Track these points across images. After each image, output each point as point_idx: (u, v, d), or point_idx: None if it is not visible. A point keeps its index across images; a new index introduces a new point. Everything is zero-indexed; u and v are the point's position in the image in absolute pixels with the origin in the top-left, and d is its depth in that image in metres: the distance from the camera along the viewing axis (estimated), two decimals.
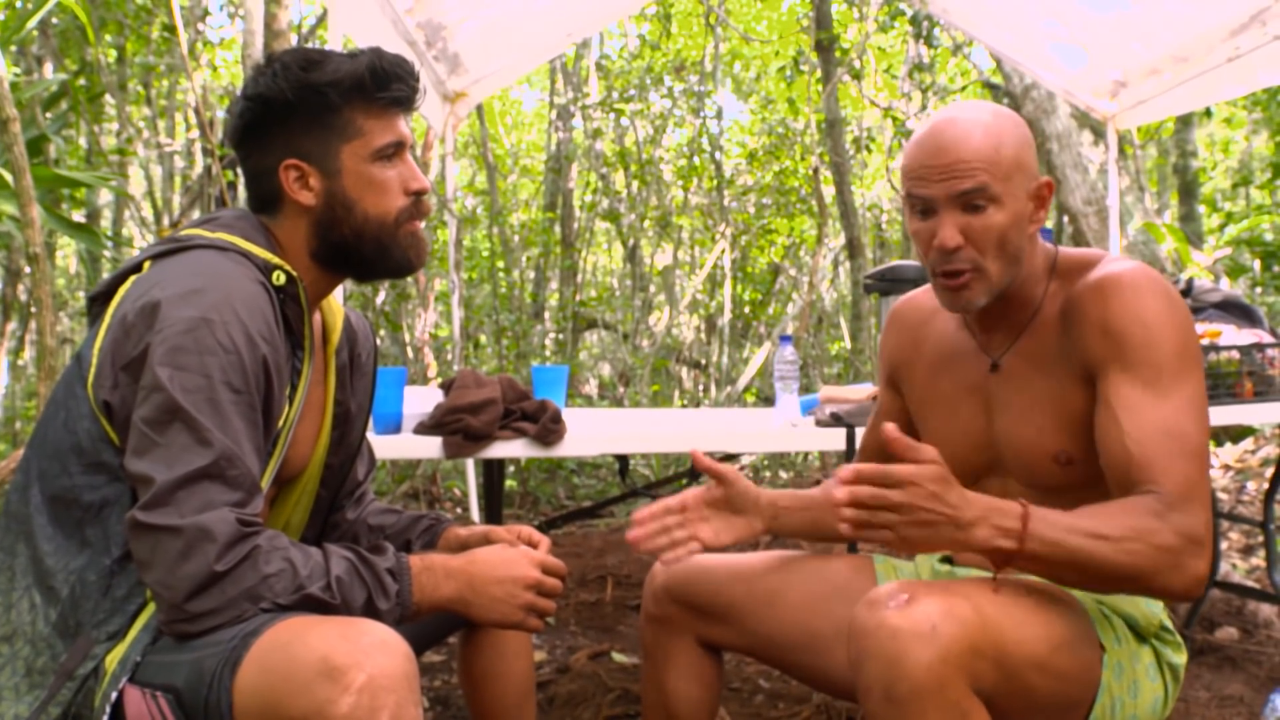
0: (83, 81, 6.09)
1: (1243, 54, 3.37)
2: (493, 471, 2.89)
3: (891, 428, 1.16)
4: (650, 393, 8.01)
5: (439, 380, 4.59)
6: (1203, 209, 8.89)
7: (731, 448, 2.40)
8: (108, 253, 4.89)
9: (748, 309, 9.65)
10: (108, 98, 6.83)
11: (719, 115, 9.68)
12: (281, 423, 1.32)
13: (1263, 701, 2.59)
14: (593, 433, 2.28)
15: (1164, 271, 6.29)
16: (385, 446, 2.12)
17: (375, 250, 1.39)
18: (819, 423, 2.33)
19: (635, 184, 9.22)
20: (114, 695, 1.15)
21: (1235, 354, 2.54)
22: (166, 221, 7.94)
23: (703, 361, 9.38)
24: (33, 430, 1.31)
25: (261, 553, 1.16)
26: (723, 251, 9.13)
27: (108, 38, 6.99)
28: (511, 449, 2.14)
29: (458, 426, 2.09)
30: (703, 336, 9.92)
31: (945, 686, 1.12)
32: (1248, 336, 2.62)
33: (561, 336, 9.10)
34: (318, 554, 1.22)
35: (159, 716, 1.13)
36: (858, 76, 8.69)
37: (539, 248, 9.30)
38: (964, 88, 10.31)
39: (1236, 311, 2.73)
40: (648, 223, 9.35)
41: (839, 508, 1.15)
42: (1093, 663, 1.29)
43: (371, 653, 1.06)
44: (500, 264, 8.59)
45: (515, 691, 1.65)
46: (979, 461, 1.50)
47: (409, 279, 6.77)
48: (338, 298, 1.64)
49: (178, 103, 8.91)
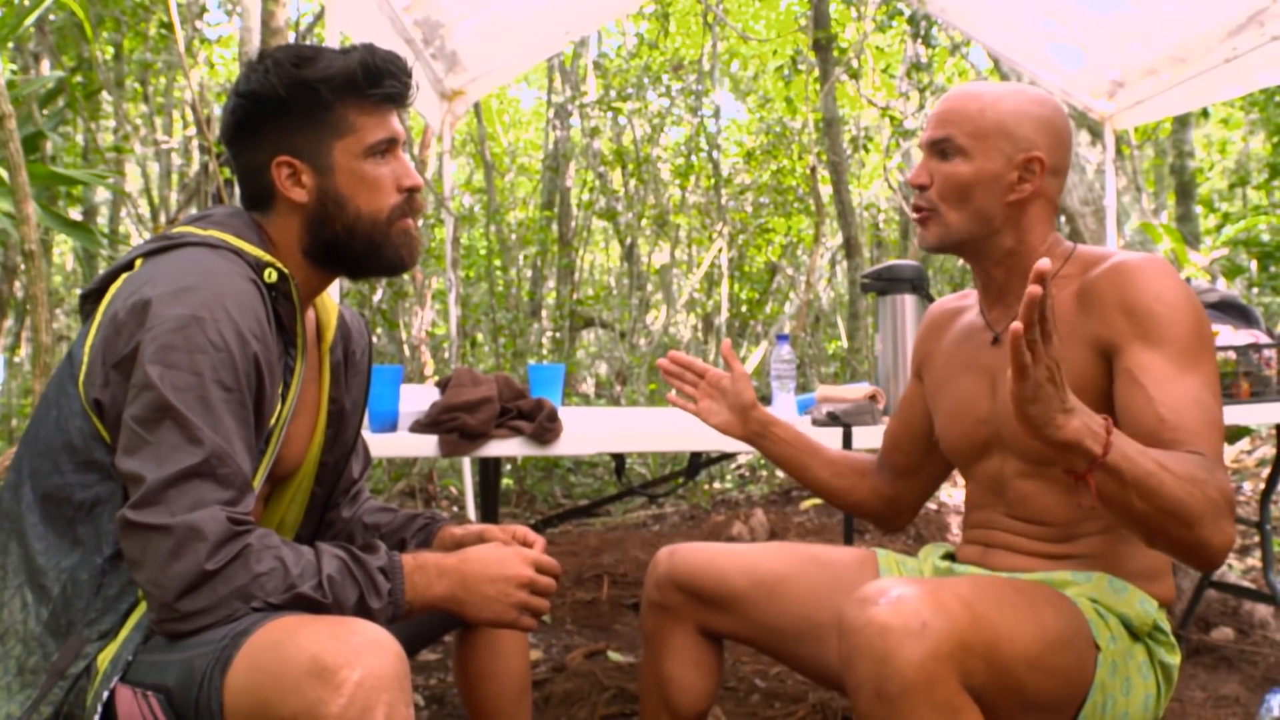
0: (80, 79, 6.07)
1: (1240, 55, 3.37)
2: (489, 470, 2.89)
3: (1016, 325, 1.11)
4: (647, 391, 8.00)
5: (435, 378, 4.58)
6: (1200, 209, 8.90)
7: (729, 446, 2.39)
8: (104, 250, 4.88)
9: (745, 308, 9.65)
10: (105, 95, 6.82)
11: (716, 114, 9.68)
12: (274, 421, 1.32)
13: (1258, 702, 2.60)
14: (589, 431, 2.27)
15: None
16: (381, 444, 2.11)
17: (367, 248, 1.39)
18: (815, 422, 2.33)
19: (633, 183, 9.22)
20: (105, 695, 1.15)
21: (1232, 354, 2.54)
22: (163, 219, 7.93)
23: (700, 360, 9.38)
24: (25, 428, 1.31)
25: (253, 551, 1.16)
26: (720, 250, 9.13)
27: (105, 35, 6.98)
28: (508, 448, 2.13)
29: (454, 425, 2.09)
30: (700, 335, 9.92)
31: (935, 683, 1.11)
32: (1244, 337, 2.62)
33: (558, 335, 9.09)
34: (309, 553, 1.21)
35: (150, 716, 1.13)
36: (855, 76, 8.69)
37: (536, 246, 9.29)
38: None
39: (1233, 312, 2.73)
40: (645, 221, 9.35)
41: (1029, 296, 1.07)
42: (1085, 661, 1.29)
43: (362, 652, 1.05)
44: (497, 262, 8.58)
45: (511, 690, 1.65)
46: (981, 437, 1.53)
47: (406, 277, 6.76)
48: (334, 295, 1.64)
49: (175, 100, 8.90)
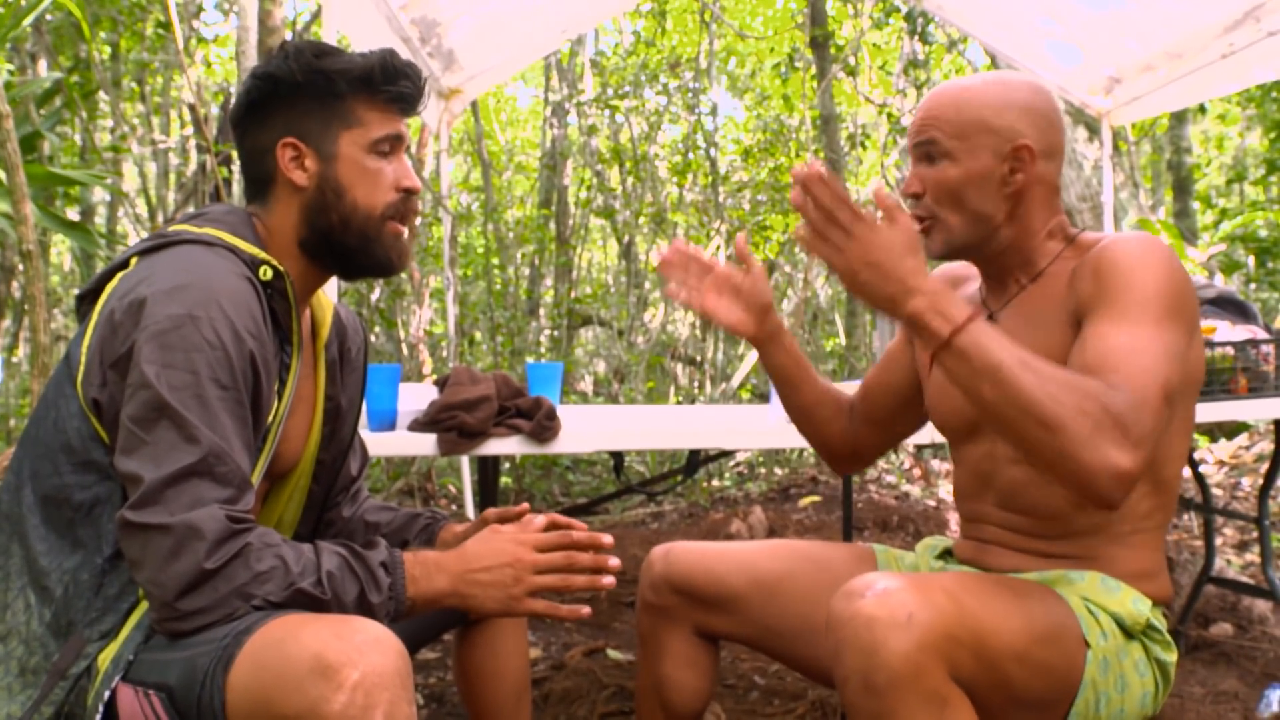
0: (77, 78, 6.07)
1: (1237, 50, 3.38)
2: (487, 468, 2.89)
3: (880, 191, 1.21)
4: (645, 389, 8.01)
5: (434, 377, 4.58)
6: (1197, 205, 8.90)
7: (727, 444, 2.40)
8: (102, 250, 4.87)
9: None
10: (102, 95, 6.81)
11: (714, 112, 9.68)
12: (271, 418, 1.32)
13: (1257, 697, 2.60)
14: (588, 429, 2.27)
15: None
16: (380, 443, 2.11)
17: (359, 242, 1.39)
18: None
19: (630, 180, 9.21)
20: (106, 694, 1.15)
21: (1230, 350, 2.55)
22: (161, 219, 7.92)
23: (698, 358, 9.37)
24: (24, 429, 1.31)
25: (253, 550, 1.16)
26: (718, 248, 9.13)
27: (102, 34, 6.97)
28: (506, 446, 2.13)
29: (453, 423, 2.09)
30: (698, 333, 9.91)
31: (923, 675, 1.11)
32: (1242, 332, 2.63)
33: (556, 333, 9.09)
34: (309, 550, 1.21)
35: (152, 715, 1.13)
36: (852, 73, 8.69)
37: (534, 244, 9.29)
38: None
39: (1231, 308, 2.74)
40: (643, 219, 9.34)
41: (796, 183, 1.17)
42: (1075, 658, 1.29)
43: (365, 650, 1.05)
44: (495, 261, 8.58)
45: (510, 688, 1.65)
46: (970, 416, 1.51)
47: (403, 275, 6.77)
48: (331, 295, 1.64)
49: (172, 100, 8.89)
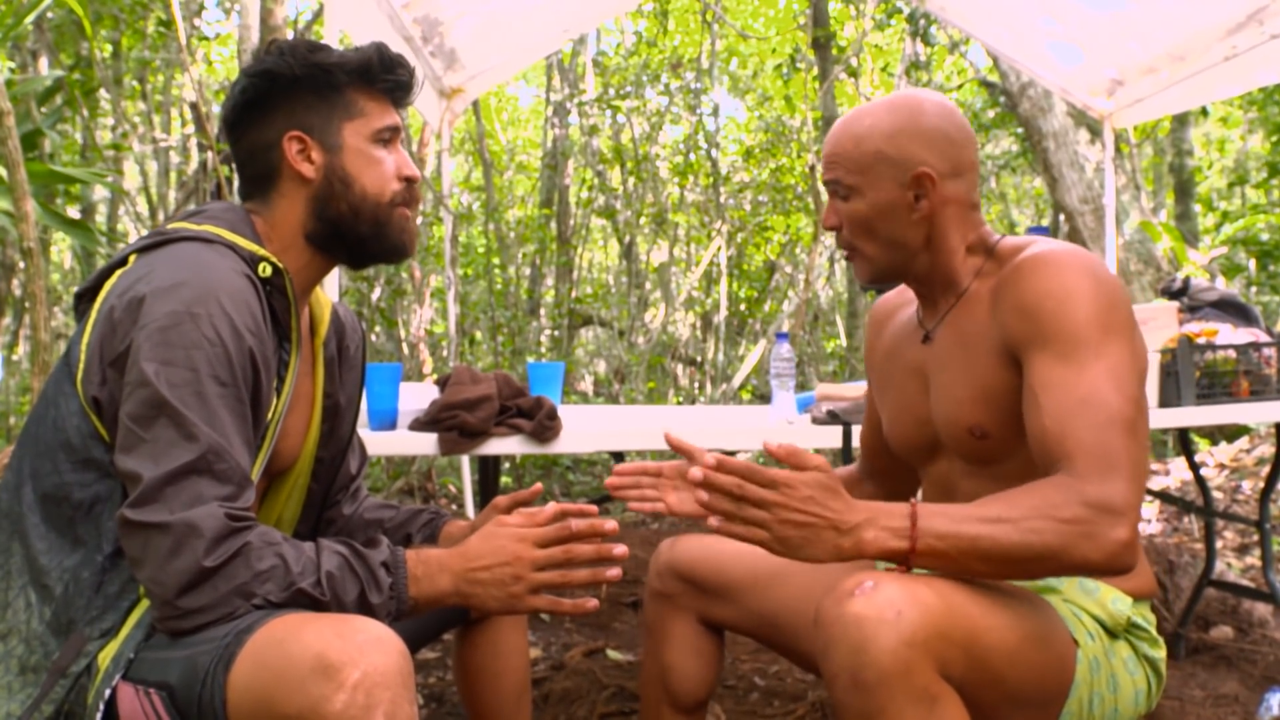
0: (78, 76, 6.07)
1: (1240, 53, 3.38)
2: (488, 468, 2.88)
3: (770, 444, 1.22)
4: (646, 390, 8.01)
5: (434, 376, 4.57)
6: (1198, 208, 8.91)
7: (727, 445, 2.39)
8: (102, 249, 4.87)
9: (743, 306, 9.65)
10: (103, 92, 6.81)
11: (715, 112, 9.68)
12: (270, 415, 1.31)
13: (1257, 701, 2.60)
14: (588, 429, 2.27)
15: (1160, 270, 6.29)
16: (380, 443, 2.11)
17: (371, 228, 1.40)
18: (815, 420, 2.33)
19: (631, 181, 9.21)
20: (107, 692, 1.15)
21: (1231, 353, 2.55)
22: (162, 217, 7.92)
23: (698, 359, 9.38)
24: (23, 428, 1.30)
25: (253, 549, 1.15)
26: (719, 249, 9.13)
27: (103, 32, 6.97)
28: (507, 445, 2.13)
29: (453, 423, 2.08)
30: (698, 333, 9.91)
31: (912, 672, 1.11)
32: (1244, 335, 2.63)
33: (557, 333, 9.10)
34: (310, 549, 1.21)
35: (152, 713, 1.13)
36: (854, 74, 8.69)
37: (535, 244, 9.29)
38: (960, 85, 10.33)
39: (1233, 310, 2.74)
40: (644, 219, 9.34)
41: (697, 489, 1.18)
42: (1066, 657, 1.29)
43: (366, 650, 1.05)
44: (496, 260, 8.58)
45: (511, 688, 1.65)
46: (923, 439, 1.52)
47: (404, 275, 6.77)
48: (331, 294, 1.64)
49: (173, 98, 8.89)
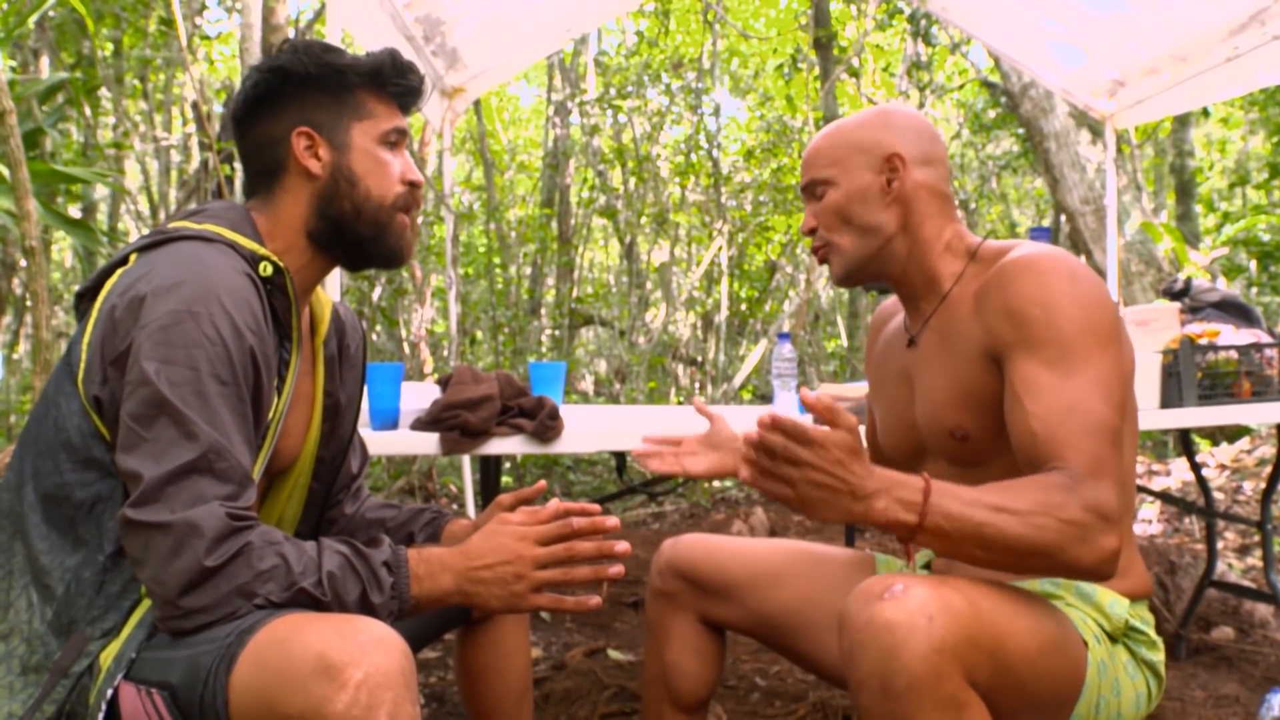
0: (79, 75, 6.07)
1: (1241, 54, 3.37)
2: (489, 468, 2.88)
3: (807, 393, 1.27)
4: (647, 389, 8.01)
5: (435, 376, 4.57)
6: (1199, 209, 8.91)
7: None
8: (103, 248, 4.87)
9: (744, 306, 9.65)
10: (104, 91, 6.81)
11: (716, 112, 9.68)
12: (271, 415, 1.31)
13: (1258, 701, 2.60)
14: (590, 429, 2.26)
15: (1161, 271, 6.29)
16: (382, 442, 2.10)
17: (373, 230, 1.40)
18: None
19: (632, 181, 9.21)
20: (109, 692, 1.15)
21: (1233, 354, 2.55)
22: (163, 216, 7.92)
23: (699, 359, 9.38)
24: (24, 427, 1.30)
25: (254, 548, 1.15)
26: (719, 249, 9.13)
27: (104, 31, 6.98)
28: (508, 445, 2.13)
29: (455, 423, 2.08)
30: (699, 333, 9.92)
31: (942, 679, 1.10)
32: (1245, 336, 2.63)
33: (558, 333, 9.09)
34: (311, 548, 1.21)
35: (154, 713, 1.13)
36: (856, 74, 8.69)
37: (536, 244, 9.29)
38: (961, 86, 10.33)
39: (1234, 311, 2.74)
40: (645, 219, 9.34)
41: (747, 446, 1.22)
42: (1079, 661, 1.29)
43: (368, 650, 1.05)
44: (497, 260, 8.58)
45: (512, 688, 1.65)
46: (911, 442, 1.54)
47: (405, 274, 6.77)
48: (333, 294, 1.64)
49: (174, 97, 8.90)
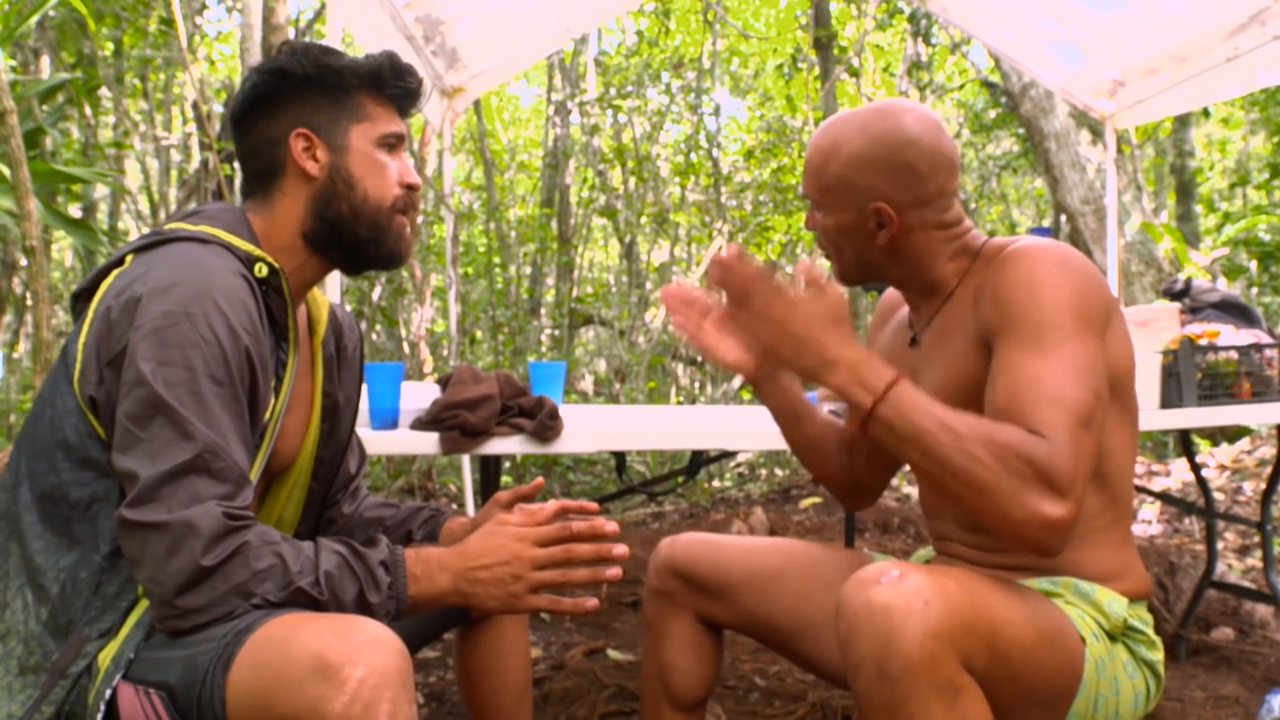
0: (80, 75, 6.07)
1: (1242, 54, 3.37)
2: (489, 468, 2.88)
3: (804, 262, 1.29)
4: (646, 389, 8.00)
5: (435, 376, 4.57)
6: (1200, 209, 8.90)
7: (729, 445, 2.38)
8: (103, 247, 4.87)
9: None
10: (104, 91, 6.81)
11: (717, 112, 9.67)
12: (268, 415, 1.31)
13: (1258, 702, 2.60)
14: (590, 429, 2.26)
15: (1161, 271, 6.29)
16: (381, 442, 2.10)
17: (370, 231, 1.40)
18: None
19: (632, 180, 9.21)
20: (108, 693, 1.15)
21: (1233, 354, 2.54)
22: (163, 216, 7.92)
23: (699, 358, 9.37)
24: (21, 428, 1.30)
25: (251, 548, 1.15)
26: (720, 248, 9.13)
27: (105, 31, 6.97)
28: (508, 445, 2.12)
29: (455, 422, 2.08)
30: None
31: (938, 663, 1.11)
32: (1246, 337, 2.63)
33: (558, 333, 9.09)
34: (309, 548, 1.21)
35: (152, 714, 1.13)
36: (856, 74, 8.69)
37: (536, 244, 9.29)
38: (962, 86, 10.33)
39: (1234, 312, 2.74)
40: (645, 219, 9.33)
41: (713, 268, 1.28)
42: (1075, 656, 1.29)
43: (365, 650, 1.05)
44: (497, 260, 8.58)
45: (512, 688, 1.65)
46: None
47: (405, 274, 6.77)
48: (333, 294, 1.64)
49: (174, 96, 8.90)
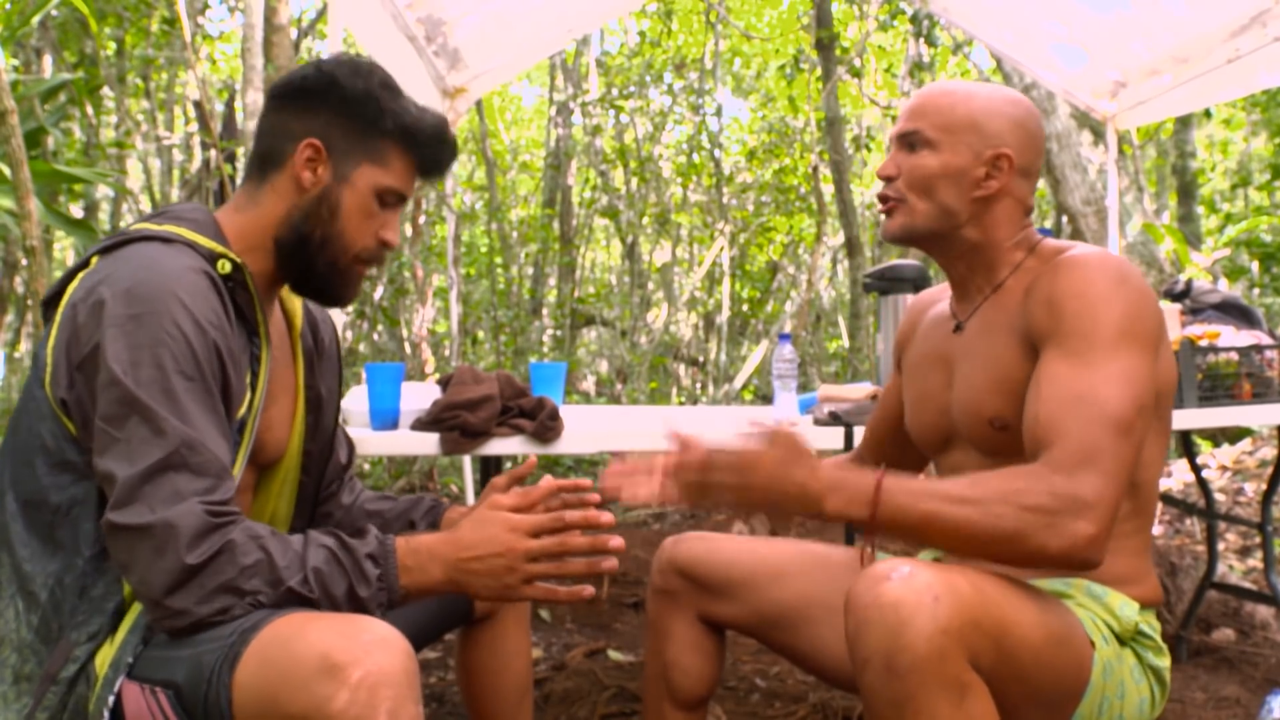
0: (82, 74, 6.07)
1: (1243, 55, 3.37)
2: (489, 468, 2.88)
3: (754, 423, 1.32)
4: (648, 390, 8.00)
5: (436, 376, 4.57)
6: (1201, 210, 8.90)
7: (731, 446, 2.37)
8: None
9: (746, 307, 9.66)
10: (106, 90, 6.82)
11: (718, 113, 9.68)
12: (245, 410, 1.31)
13: (1259, 703, 2.60)
14: (590, 430, 2.26)
15: (1162, 272, 6.29)
16: (382, 442, 2.10)
17: (325, 268, 1.39)
18: (817, 421, 2.32)
19: (634, 181, 9.21)
20: (110, 699, 1.15)
21: (1234, 355, 2.54)
22: None
23: (701, 359, 9.38)
24: (4, 437, 1.30)
25: (238, 545, 1.15)
26: (721, 249, 9.13)
27: (107, 30, 6.98)
28: (509, 446, 2.13)
29: (455, 423, 2.08)
30: (701, 334, 9.92)
31: (946, 659, 1.11)
32: (1246, 338, 2.62)
33: (559, 333, 9.09)
34: (297, 542, 1.20)
35: (159, 712, 1.13)
36: (858, 75, 8.68)
37: (537, 244, 9.30)
38: None
39: (1235, 313, 2.73)
40: (646, 220, 9.34)
41: (672, 475, 1.27)
42: (1083, 659, 1.29)
43: (371, 650, 1.05)
44: (499, 260, 8.58)
45: (512, 688, 1.65)
46: (942, 428, 1.54)
47: (407, 274, 6.77)
48: None
49: (176, 96, 8.90)
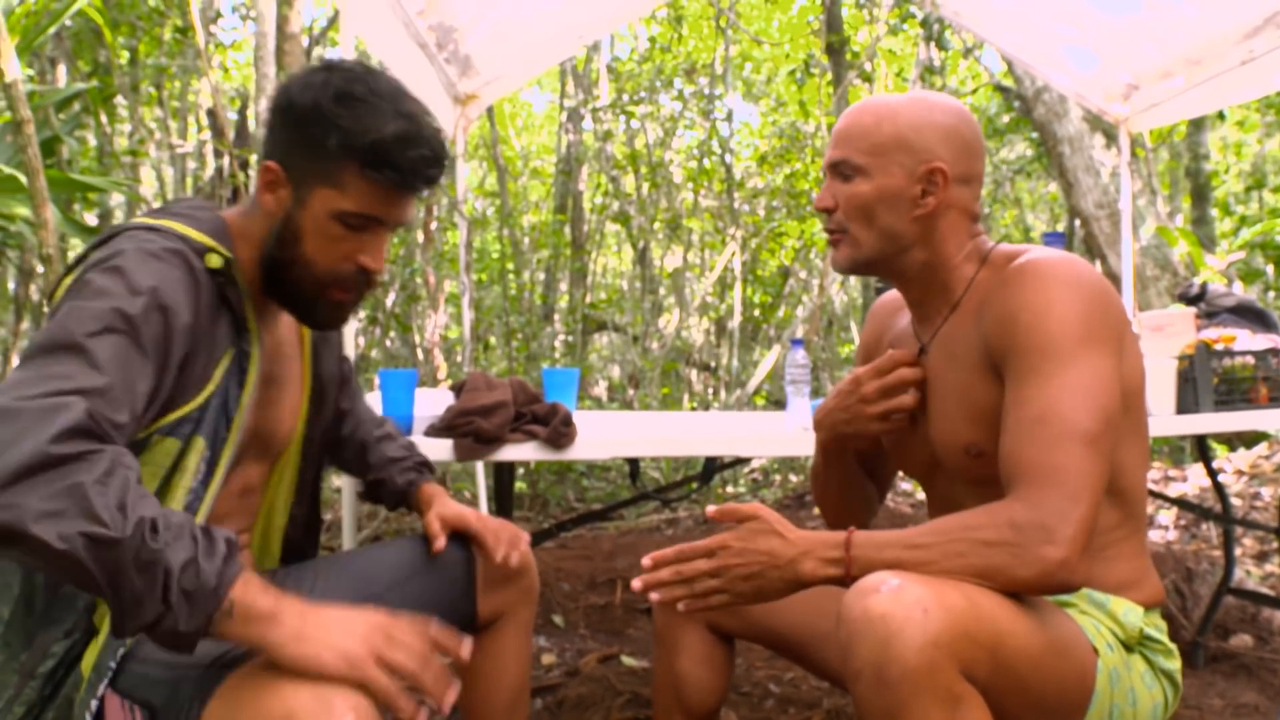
0: (96, 83, 6.11)
1: (1257, 57, 3.36)
2: (503, 474, 2.88)
3: (710, 510, 1.32)
4: (660, 395, 8.00)
5: (449, 382, 4.57)
6: (1215, 212, 8.85)
7: (743, 451, 2.38)
8: None
9: (758, 312, 9.64)
10: (120, 99, 6.85)
11: (729, 118, 9.68)
12: (208, 393, 1.28)
13: (1277, 710, 2.58)
14: (603, 436, 2.27)
15: (1177, 276, 6.26)
16: None
17: (295, 291, 1.38)
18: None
19: (645, 186, 9.21)
20: (94, 704, 1.16)
21: (1250, 359, 2.53)
22: None
23: (712, 364, 9.36)
24: None
25: (105, 457, 1.04)
26: (733, 254, 9.12)
27: (120, 40, 7.01)
28: (522, 452, 2.13)
29: (468, 429, 2.09)
30: (712, 339, 9.90)
31: (936, 670, 1.10)
32: (1262, 341, 2.61)
33: (571, 339, 9.09)
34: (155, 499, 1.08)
35: None
36: (868, 79, 8.67)
37: (549, 250, 9.30)
38: (975, 90, 10.30)
39: (1251, 316, 2.72)
40: (658, 225, 9.34)
41: (647, 593, 1.29)
42: (1087, 667, 1.28)
43: (341, 716, 1.01)
44: (510, 266, 8.59)
45: (506, 693, 1.65)
46: (924, 457, 1.52)
47: (419, 280, 6.79)
48: None
49: (190, 104, 8.95)
